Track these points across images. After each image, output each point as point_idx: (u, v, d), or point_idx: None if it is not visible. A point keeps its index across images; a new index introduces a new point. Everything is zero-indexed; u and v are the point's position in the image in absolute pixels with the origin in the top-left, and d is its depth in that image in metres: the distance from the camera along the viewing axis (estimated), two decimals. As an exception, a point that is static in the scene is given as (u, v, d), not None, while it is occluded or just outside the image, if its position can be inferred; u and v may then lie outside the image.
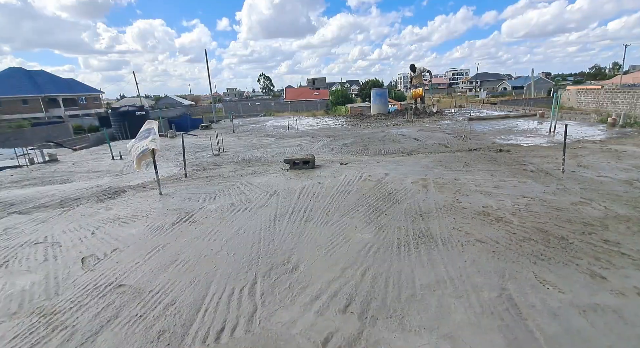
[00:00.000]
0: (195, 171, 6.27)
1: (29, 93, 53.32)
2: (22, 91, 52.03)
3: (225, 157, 7.60)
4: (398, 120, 13.55)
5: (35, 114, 52.88)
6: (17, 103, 51.72)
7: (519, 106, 33.19)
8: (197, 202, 4.38)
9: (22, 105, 52.74)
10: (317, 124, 14.17)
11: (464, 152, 6.68)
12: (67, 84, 63.34)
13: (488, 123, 11.04)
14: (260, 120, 17.42)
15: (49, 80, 58.93)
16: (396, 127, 11.43)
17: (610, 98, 41.66)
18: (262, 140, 9.90)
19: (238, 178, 5.53)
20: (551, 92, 60.12)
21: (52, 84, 58.85)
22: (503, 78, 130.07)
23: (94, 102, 70.88)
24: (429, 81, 14.41)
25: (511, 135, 8.54)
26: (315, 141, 9.23)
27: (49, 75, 60.74)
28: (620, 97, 39.43)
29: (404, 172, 5.40)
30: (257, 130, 13.02)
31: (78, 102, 66.47)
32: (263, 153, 7.85)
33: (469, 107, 19.36)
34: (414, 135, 9.30)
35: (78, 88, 64.29)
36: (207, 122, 18.63)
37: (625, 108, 39.83)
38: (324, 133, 10.91)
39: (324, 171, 5.75)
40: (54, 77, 61.21)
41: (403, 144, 8.06)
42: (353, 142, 8.64)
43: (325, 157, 6.94)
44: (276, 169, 6.17)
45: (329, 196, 4.40)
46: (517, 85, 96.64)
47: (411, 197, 4.19)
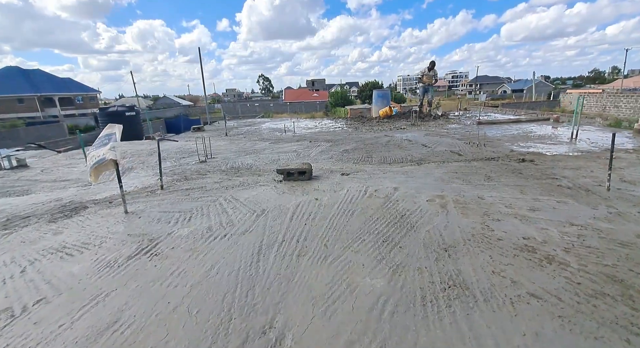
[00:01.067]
0: (175, 182, 5.47)
1: (25, 92, 52.61)
2: (18, 90, 51.29)
3: (213, 164, 6.81)
4: (401, 123, 12.78)
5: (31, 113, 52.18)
6: (13, 102, 50.96)
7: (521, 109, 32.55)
8: (168, 225, 3.58)
9: (18, 105, 52.04)
10: (315, 126, 13.40)
11: (481, 162, 5.91)
12: (63, 83, 62.61)
13: (499, 127, 10.28)
14: (256, 122, 16.64)
15: (45, 80, 58.21)
16: (400, 130, 10.65)
17: (613, 102, 41.05)
18: (255, 145, 9.10)
19: (222, 192, 4.74)
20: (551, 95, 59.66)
21: (48, 83, 58.14)
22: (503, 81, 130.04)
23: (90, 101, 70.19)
24: (435, 82, 13.66)
25: (529, 141, 7.78)
26: (313, 146, 8.44)
27: (46, 74, 60.04)
28: (624, 101, 38.84)
29: (415, 186, 4.62)
30: (252, 133, 12.23)
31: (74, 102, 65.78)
32: (255, 160, 7.05)
33: (475, 109, 18.63)
34: (421, 140, 8.52)
35: (75, 87, 63.60)
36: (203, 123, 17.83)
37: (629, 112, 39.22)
38: (323, 137, 10.13)
39: (322, 183, 4.97)
40: (50, 76, 60.51)
41: (410, 150, 7.28)
42: (355, 148, 7.86)
43: (324, 166, 6.16)
44: (268, 179, 5.38)
45: (328, 218, 3.61)
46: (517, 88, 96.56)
47: (429, 221, 3.41)
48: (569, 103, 53.35)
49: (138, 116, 16.69)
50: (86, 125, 46.81)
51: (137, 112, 16.67)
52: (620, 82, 57.99)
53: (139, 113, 16.88)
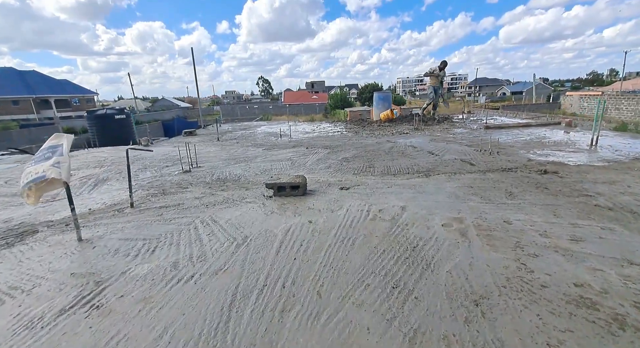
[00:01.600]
0: (150, 197, 4.79)
1: (20, 93, 52.06)
2: (13, 91, 50.70)
3: (197, 174, 6.13)
4: (404, 127, 12.12)
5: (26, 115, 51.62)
6: (7, 104, 50.33)
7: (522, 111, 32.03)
8: (125, 259, 2.91)
9: (13, 106, 51.46)
10: (313, 130, 12.73)
11: (497, 173, 5.24)
12: (60, 85, 62.09)
13: (509, 132, 9.63)
14: (252, 126, 15.98)
15: (41, 81, 57.69)
16: (403, 135, 9.99)
17: (614, 104, 40.50)
18: (247, 152, 8.43)
19: (201, 211, 4.06)
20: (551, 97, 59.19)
21: (44, 84, 57.64)
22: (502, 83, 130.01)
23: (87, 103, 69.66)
24: (441, 83, 12.99)
25: (545, 148, 7.12)
26: (310, 153, 7.77)
27: (41, 76, 59.55)
28: (625, 103, 38.25)
29: (426, 204, 3.95)
30: (246, 137, 11.56)
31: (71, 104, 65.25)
32: (244, 170, 6.38)
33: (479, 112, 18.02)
34: (427, 147, 7.86)
35: (71, 89, 63.14)
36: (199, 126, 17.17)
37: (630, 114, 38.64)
38: (321, 142, 9.46)
39: (318, 200, 4.30)
40: (46, 77, 60.02)
41: (416, 159, 6.61)
42: (355, 156, 7.19)
43: (321, 178, 5.48)
44: (256, 195, 4.70)
45: (323, 250, 2.94)
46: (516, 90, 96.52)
47: (448, 255, 2.74)
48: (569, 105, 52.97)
49: (129, 119, 16.00)
50: (82, 128, 46.17)
51: (128, 115, 15.98)
52: (620, 84, 57.63)
53: (130, 116, 16.20)
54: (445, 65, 12.55)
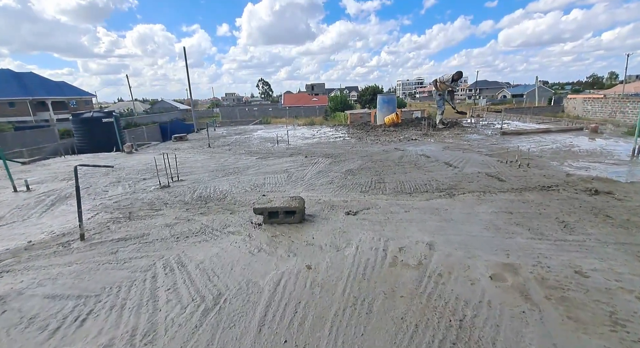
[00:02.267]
0: (111, 223, 3.86)
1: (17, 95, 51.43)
2: (9, 93, 50.05)
3: (177, 191, 5.20)
4: (411, 132, 11.22)
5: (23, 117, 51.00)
6: (4, 106, 49.70)
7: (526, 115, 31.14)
8: (37, 338, 1.98)
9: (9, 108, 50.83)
10: (313, 136, 11.82)
11: (536, 193, 4.33)
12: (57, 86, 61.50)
13: (529, 139, 8.72)
14: (248, 130, 15.07)
15: (38, 83, 57.09)
16: (412, 142, 9.08)
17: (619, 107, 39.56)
18: (239, 161, 7.51)
19: (169, 247, 3.14)
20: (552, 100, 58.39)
21: (41, 86, 57.03)
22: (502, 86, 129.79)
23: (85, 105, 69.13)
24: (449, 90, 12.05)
25: (579, 159, 6.21)
26: (309, 164, 6.85)
27: (39, 78, 58.97)
28: (630, 106, 37.25)
29: (460, 240, 3.03)
30: (240, 143, 10.64)
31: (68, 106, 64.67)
32: (233, 184, 5.45)
33: (489, 116, 17.15)
34: (442, 156, 6.95)
35: (69, 91, 62.57)
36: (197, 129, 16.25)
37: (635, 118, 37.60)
38: (322, 150, 8.54)
39: (318, 231, 3.38)
40: (43, 79, 59.43)
41: (432, 172, 5.69)
42: (361, 167, 6.27)
43: (322, 197, 4.56)
44: (242, 221, 3.78)
45: (327, 324, 2.02)
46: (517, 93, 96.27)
47: (516, 337, 1.82)
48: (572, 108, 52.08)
49: (117, 123, 15.12)
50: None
51: (116, 118, 15.09)
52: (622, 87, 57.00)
53: (118, 119, 15.31)
54: (459, 77, 11.69)
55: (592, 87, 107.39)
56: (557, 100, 56.99)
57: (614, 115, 43.24)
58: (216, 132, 14.38)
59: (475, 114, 15.31)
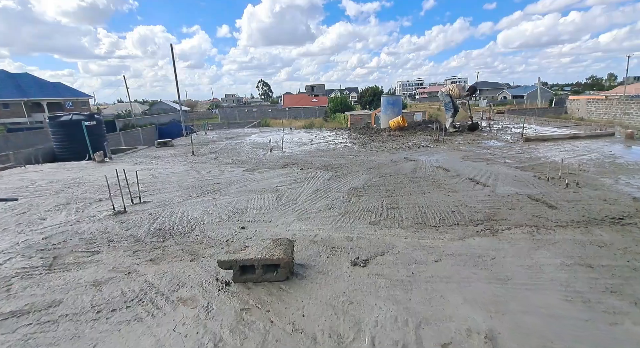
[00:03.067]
0: (15, 279, 2.72)
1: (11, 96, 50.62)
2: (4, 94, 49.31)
3: (133, 218, 4.07)
4: (419, 137, 10.09)
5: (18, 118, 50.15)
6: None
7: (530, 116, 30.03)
8: None
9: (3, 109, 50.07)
10: (311, 141, 10.69)
11: (608, 230, 3.19)
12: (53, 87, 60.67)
13: (559, 147, 7.59)
14: (241, 134, 13.94)
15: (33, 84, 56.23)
16: (423, 150, 7.96)
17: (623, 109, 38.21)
18: (222, 174, 6.36)
19: (77, 335, 2.02)
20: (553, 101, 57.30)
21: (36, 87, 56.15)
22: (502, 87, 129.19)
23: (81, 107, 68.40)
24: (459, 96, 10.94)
25: (634, 175, 5.07)
26: (305, 178, 5.72)
27: (34, 79, 58.15)
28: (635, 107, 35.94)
29: (539, 329, 1.90)
30: (229, 150, 9.51)
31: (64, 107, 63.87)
32: (207, 209, 4.32)
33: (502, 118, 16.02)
34: (463, 169, 5.82)
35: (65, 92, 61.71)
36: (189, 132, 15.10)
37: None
38: (320, 160, 7.42)
39: (312, 300, 2.25)
40: (39, 80, 58.58)
41: (458, 192, 4.56)
42: (368, 184, 5.14)
43: (319, 232, 3.43)
44: (203, 276, 2.65)
45: None
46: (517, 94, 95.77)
47: None
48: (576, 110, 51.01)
49: (101, 126, 14.01)
50: None
51: (100, 121, 13.98)
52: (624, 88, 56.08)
53: (102, 122, 14.19)
54: (474, 92, 10.67)
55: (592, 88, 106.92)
56: (558, 102, 56.01)
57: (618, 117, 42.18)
58: (206, 137, 13.26)
59: (487, 117, 14.18)
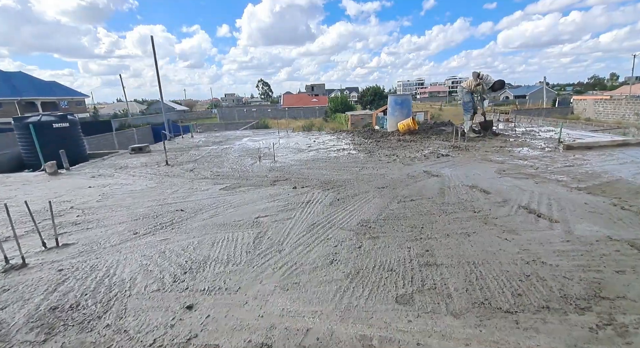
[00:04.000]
0: None
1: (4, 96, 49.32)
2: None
3: (33, 278, 2.66)
4: (434, 142, 8.68)
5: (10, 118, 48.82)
6: (-11, 107, 47.30)
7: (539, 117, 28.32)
8: None
9: (-5, 109, 48.48)
10: (309, 146, 9.28)
11: None
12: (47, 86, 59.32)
13: (609, 156, 6.16)
14: (232, 137, 12.52)
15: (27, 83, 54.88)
16: (444, 160, 6.54)
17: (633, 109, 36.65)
18: (191, 195, 4.94)
19: None
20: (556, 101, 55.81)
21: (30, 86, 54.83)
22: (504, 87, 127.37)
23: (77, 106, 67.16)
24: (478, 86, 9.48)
25: None
26: (298, 204, 4.30)
27: (28, 77, 56.86)
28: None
29: None
30: (212, 159, 8.09)
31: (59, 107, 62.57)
32: (148, 261, 2.90)
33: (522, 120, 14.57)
34: (506, 190, 4.40)
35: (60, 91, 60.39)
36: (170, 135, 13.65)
37: (650, 119, 33.04)
38: (319, 173, 6.00)
39: None
40: (33, 79, 57.28)
41: (518, 233, 3.13)
42: (384, 217, 3.71)
43: (313, 322, 2.02)
44: None
45: None
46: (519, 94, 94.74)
47: None
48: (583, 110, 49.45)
49: (75, 128, 12.59)
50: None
51: (74, 123, 12.56)
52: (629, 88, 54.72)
53: (77, 123, 12.77)
54: (501, 87, 9.21)
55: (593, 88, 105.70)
56: (561, 102, 54.57)
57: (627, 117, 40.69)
58: (192, 140, 11.84)
59: (505, 118, 12.76)
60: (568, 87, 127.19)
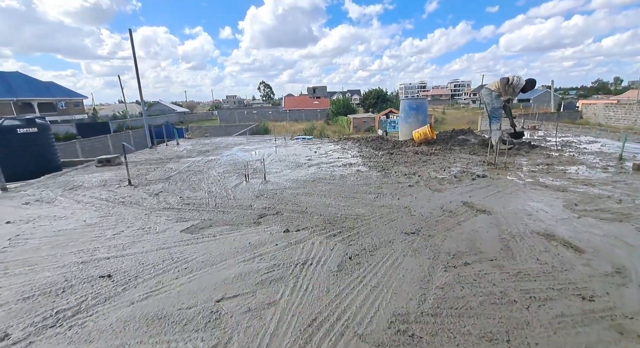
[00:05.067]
0: None
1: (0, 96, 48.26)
2: (-8, 94, 46.51)
3: None
4: (459, 156, 7.20)
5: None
6: (-17, 107, 46.20)
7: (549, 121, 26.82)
8: None
9: (-9, 110, 47.44)
10: (309, 159, 7.80)
11: None
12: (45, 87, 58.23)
13: None
14: (222, 145, 11.06)
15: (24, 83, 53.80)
16: (483, 185, 5.05)
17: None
18: (140, 240, 3.47)
19: None
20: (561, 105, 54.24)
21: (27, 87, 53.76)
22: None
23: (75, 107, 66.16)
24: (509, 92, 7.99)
25: None
26: (288, 267, 2.83)
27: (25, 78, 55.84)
28: None
29: None
30: (189, 176, 6.62)
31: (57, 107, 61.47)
32: None
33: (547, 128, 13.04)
34: (601, 245, 2.91)
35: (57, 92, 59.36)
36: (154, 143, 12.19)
37: (662, 125, 31.19)
38: (321, 202, 4.52)
39: None
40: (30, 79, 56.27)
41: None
42: (430, 304, 2.23)
43: None
44: None
45: None
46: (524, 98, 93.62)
47: None
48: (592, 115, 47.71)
49: (45, 134, 11.16)
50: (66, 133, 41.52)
51: (45, 128, 11.13)
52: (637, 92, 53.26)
53: (48, 128, 11.33)
54: (532, 87, 7.72)
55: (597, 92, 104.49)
56: (567, 106, 52.95)
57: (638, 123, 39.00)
58: (176, 149, 10.38)
59: (531, 126, 11.28)
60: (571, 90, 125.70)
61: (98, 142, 27.69)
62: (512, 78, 7.73)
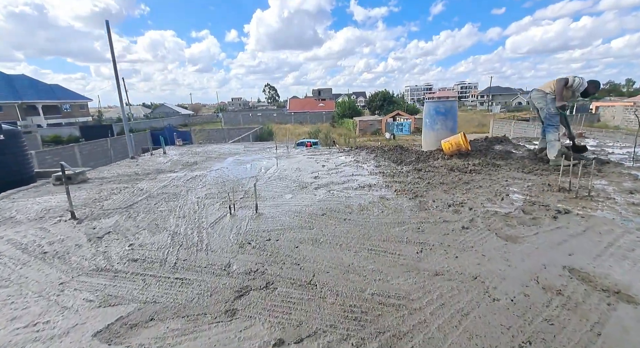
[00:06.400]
0: None
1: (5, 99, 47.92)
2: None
3: None
4: (509, 175, 5.57)
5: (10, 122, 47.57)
6: (-10, 110, 45.92)
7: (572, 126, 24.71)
8: None
9: (-5, 112, 47.20)
10: (316, 175, 6.24)
11: None
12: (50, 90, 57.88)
13: None
14: (214, 155, 9.55)
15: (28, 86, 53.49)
16: (571, 223, 3.42)
17: None
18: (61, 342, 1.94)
19: None
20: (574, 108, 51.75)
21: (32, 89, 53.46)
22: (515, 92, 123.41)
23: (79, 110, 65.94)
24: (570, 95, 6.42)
25: None
26: None
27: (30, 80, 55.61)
28: None
29: None
30: (161, 202, 5.12)
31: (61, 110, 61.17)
32: None
33: (591, 134, 11.33)
34: None
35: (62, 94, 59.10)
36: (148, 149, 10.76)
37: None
38: (336, 261, 2.97)
39: None
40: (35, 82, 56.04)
41: None
42: None
43: None
44: None
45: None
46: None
47: None
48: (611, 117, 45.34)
49: (17, 141, 9.76)
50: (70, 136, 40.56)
51: (17, 135, 9.74)
52: None
53: (20, 134, 9.95)
54: (596, 91, 6.20)
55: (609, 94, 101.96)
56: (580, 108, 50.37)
57: (661, 126, 36.47)
58: (160, 160, 8.90)
59: (578, 133, 9.58)
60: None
61: (98, 146, 26.52)
62: (571, 79, 6.15)
